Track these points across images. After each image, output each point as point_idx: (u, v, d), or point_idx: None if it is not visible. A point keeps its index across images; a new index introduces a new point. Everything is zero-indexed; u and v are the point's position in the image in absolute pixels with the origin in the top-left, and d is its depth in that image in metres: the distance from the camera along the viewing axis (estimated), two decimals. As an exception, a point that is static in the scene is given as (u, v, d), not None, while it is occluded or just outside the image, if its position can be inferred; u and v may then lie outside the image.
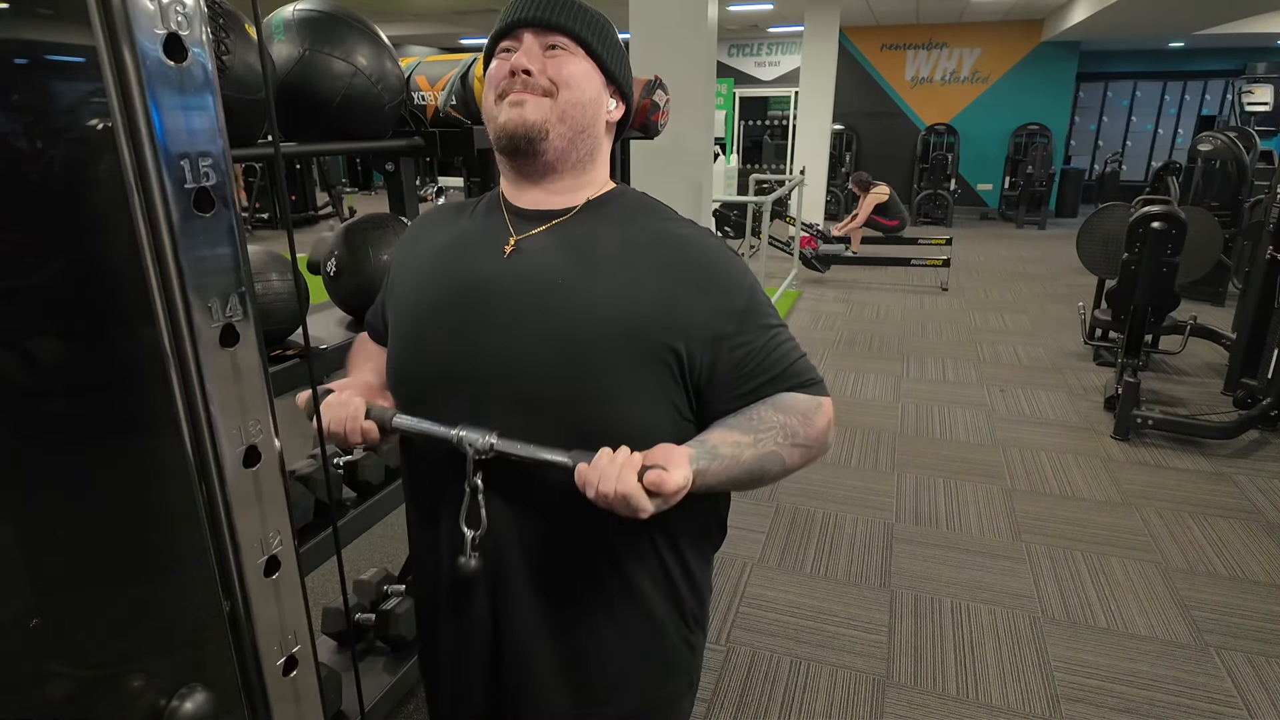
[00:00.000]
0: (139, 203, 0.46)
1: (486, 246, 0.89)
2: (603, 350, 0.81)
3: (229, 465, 0.53)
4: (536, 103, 0.84)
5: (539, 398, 0.83)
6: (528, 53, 0.84)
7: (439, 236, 0.96)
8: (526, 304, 0.83)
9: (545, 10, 0.85)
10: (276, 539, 0.58)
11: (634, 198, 0.94)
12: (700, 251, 0.87)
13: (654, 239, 0.87)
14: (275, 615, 0.58)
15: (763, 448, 0.84)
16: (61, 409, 0.45)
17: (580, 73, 0.86)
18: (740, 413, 0.86)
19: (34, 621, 0.44)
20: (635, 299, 0.82)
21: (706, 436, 0.84)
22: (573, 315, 0.82)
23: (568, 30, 0.85)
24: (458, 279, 0.88)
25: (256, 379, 0.54)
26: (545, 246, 0.87)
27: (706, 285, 0.85)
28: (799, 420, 0.87)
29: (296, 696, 0.61)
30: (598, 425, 0.82)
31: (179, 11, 0.46)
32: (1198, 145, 6.24)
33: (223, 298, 0.51)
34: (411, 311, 0.92)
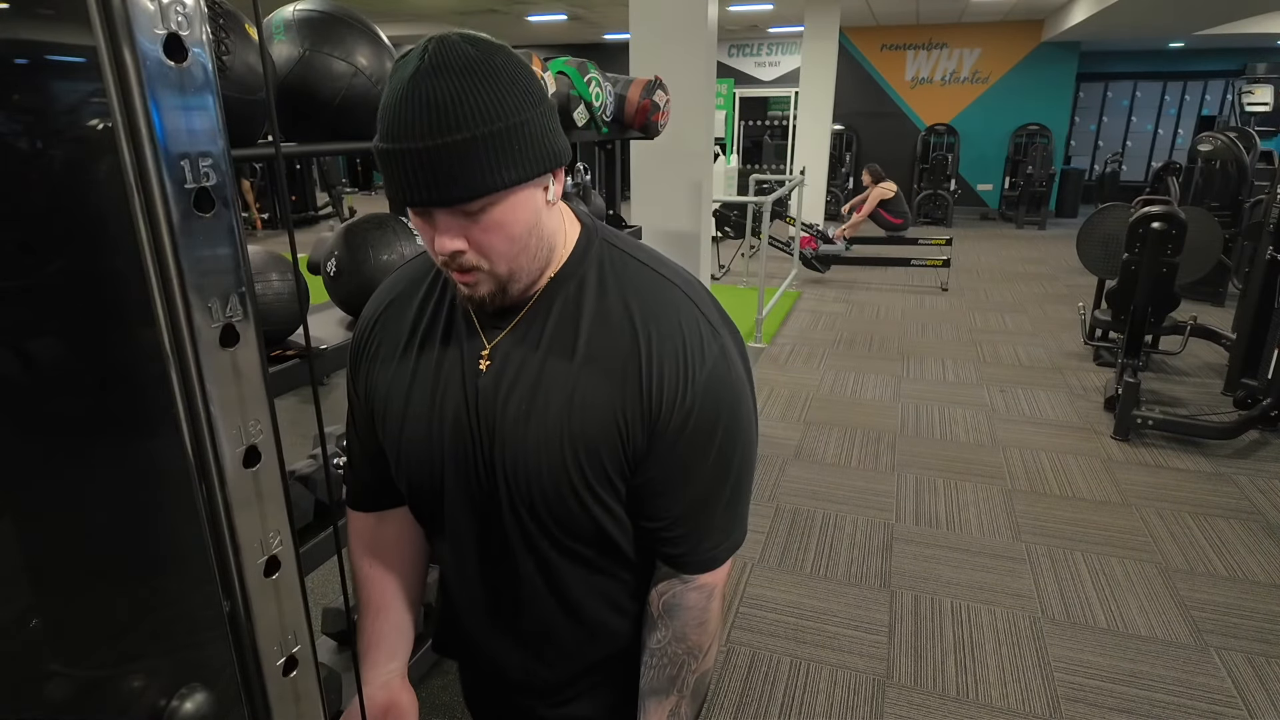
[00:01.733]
0: (139, 203, 0.46)
1: (460, 353, 0.85)
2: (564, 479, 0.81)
3: (229, 465, 0.53)
4: (480, 279, 0.77)
5: (519, 510, 0.84)
6: (445, 231, 0.73)
7: (404, 332, 0.90)
8: (500, 430, 0.82)
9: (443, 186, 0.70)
10: (276, 539, 0.58)
11: (596, 264, 0.84)
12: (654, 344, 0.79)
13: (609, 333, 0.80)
14: (275, 615, 0.58)
15: (689, 685, 0.91)
16: (61, 409, 0.45)
17: (506, 223, 0.74)
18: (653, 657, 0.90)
19: (34, 621, 0.44)
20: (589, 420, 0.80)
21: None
22: (537, 447, 0.80)
23: (477, 193, 0.71)
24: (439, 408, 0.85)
25: (256, 379, 0.54)
26: (514, 360, 0.82)
27: (645, 399, 0.79)
28: (696, 633, 0.90)
29: (296, 696, 0.61)
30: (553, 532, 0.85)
31: (179, 11, 0.46)
32: (1198, 145, 6.24)
33: (223, 298, 0.51)
34: (400, 440, 0.89)
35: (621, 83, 2.56)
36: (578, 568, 0.88)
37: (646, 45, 3.59)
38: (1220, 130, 6.51)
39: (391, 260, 1.59)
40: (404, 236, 1.63)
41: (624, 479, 0.83)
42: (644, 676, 0.92)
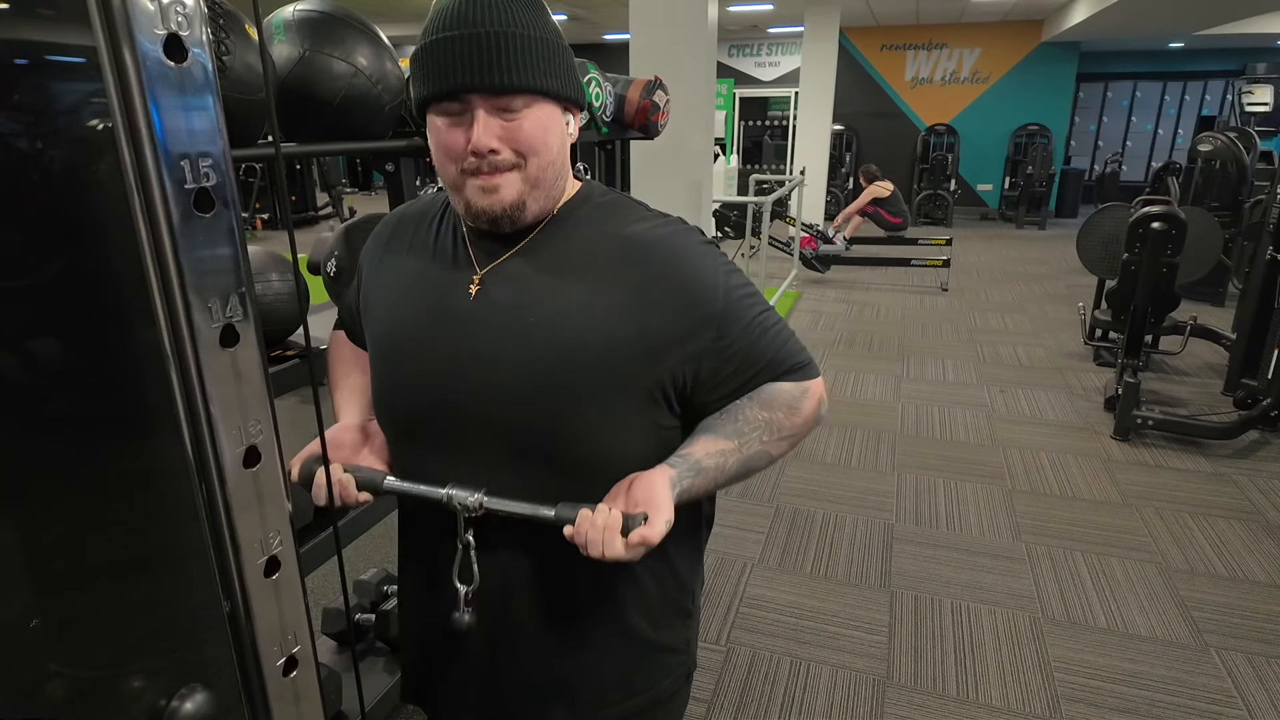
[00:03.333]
0: (139, 203, 0.46)
1: (451, 287, 0.85)
2: (579, 386, 0.80)
3: (229, 465, 0.53)
4: (507, 181, 0.78)
5: (519, 434, 0.82)
6: (485, 127, 0.75)
7: (400, 270, 0.92)
8: (500, 346, 0.81)
9: (497, 72, 0.74)
10: (276, 539, 0.58)
11: (598, 203, 0.88)
12: (668, 261, 0.83)
13: (621, 254, 0.82)
14: (275, 615, 0.58)
15: (748, 449, 0.86)
16: (62, 409, 0.45)
17: (544, 125, 0.79)
18: (725, 412, 0.87)
19: (34, 622, 0.44)
20: (607, 330, 0.80)
21: (690, 449, 0.84)
22: (547, 353, 0.80)
23: (526, 88, 0.76)
24: (429, 322, 0.86)
25: (257, 379, 0.54)
26: (511, 280, 0.83)
27: (679, 298, 0.81)
28: (784, 413, 0.87)
29: (296, 697, 0.62)
30: (578, 456, 0.83)
31: (179, 12, 0.46)
32: (1198, 146, 6.24)
33: (223, 298, 0.51)
34: (387, 345, 0.90)
35: (621, 83, 2.56)
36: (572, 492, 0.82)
37: (646, 45, 3.59)
38: (1220, 130, 6.51)
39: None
40: (404, 236, 1.63)
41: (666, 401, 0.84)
42: (706, 422, 0.87)
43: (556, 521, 0.78)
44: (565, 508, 0.79)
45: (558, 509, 0.79)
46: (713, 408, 0.87)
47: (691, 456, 0.83)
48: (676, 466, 0.82)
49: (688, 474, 0.82)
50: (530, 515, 0.80)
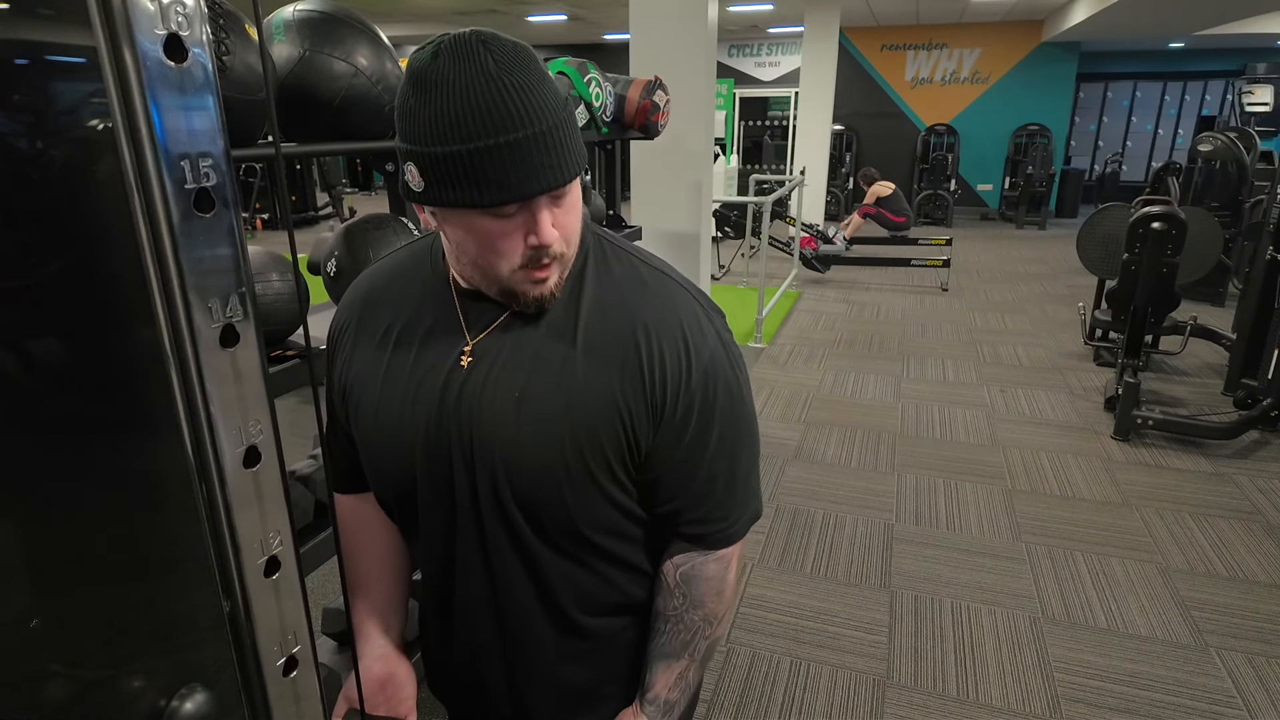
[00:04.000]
0: (139, 203, 0.46)
1: (442, 355, 0.83)
2: (552, 471, 0.80)
3: (229, 465, 0.53)
4: (557, 268, 0.78)
5: (507, 506, 0.82)
6: (548, 224, 0.73)
7: (385, 335, 0.87)
8: (488, 425, 0.80)
9: (559, 170, 0.72)
10: (276, 539, 0.58)
11: (591, 258, 0.84)
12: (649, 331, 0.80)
13: (616, 332, 0.80)
14: (275, 615, 0.58)
15: (699, 652, 0.92)
16: (61, 409, 0.45)
17: (577, 207, 0.78)
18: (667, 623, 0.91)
19: (34, 622, 0.44)
20: (583, 407, 0.78)
21: (655, 689, 0.92)
22: (533, 433, 0.79)
23: (574, 177, 0.74)
24: (419, 396, 0.83)
25: (257, 379, 0.54)
26: (502, 350, 0.81)
27: (647, 376, 0.79)
28: (714, 601, 0.91)
29: (297, 697, 0.61)
30: (559, 525, 0.83)
31: (179, 12, 0.46)
32: (1198, 146, 6.24)
33: (223, 298, 0.51)
34: (370, 434, 0.87)
35: (621, 83, 2.56)
36: (562, 562, 0.85)
37: (646, 45, 3.59)
38: (1220, 130, 6.52)
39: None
40: (403, 236, 1.63)
41: (626, 466, 0.82)
42: (654, 640, 0.92)
43: None
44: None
45: None
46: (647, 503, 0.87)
47: (659, 699, 0.92)
48: (653, 718, 0.91)
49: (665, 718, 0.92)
50: None
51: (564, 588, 0.87)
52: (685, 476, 0.84)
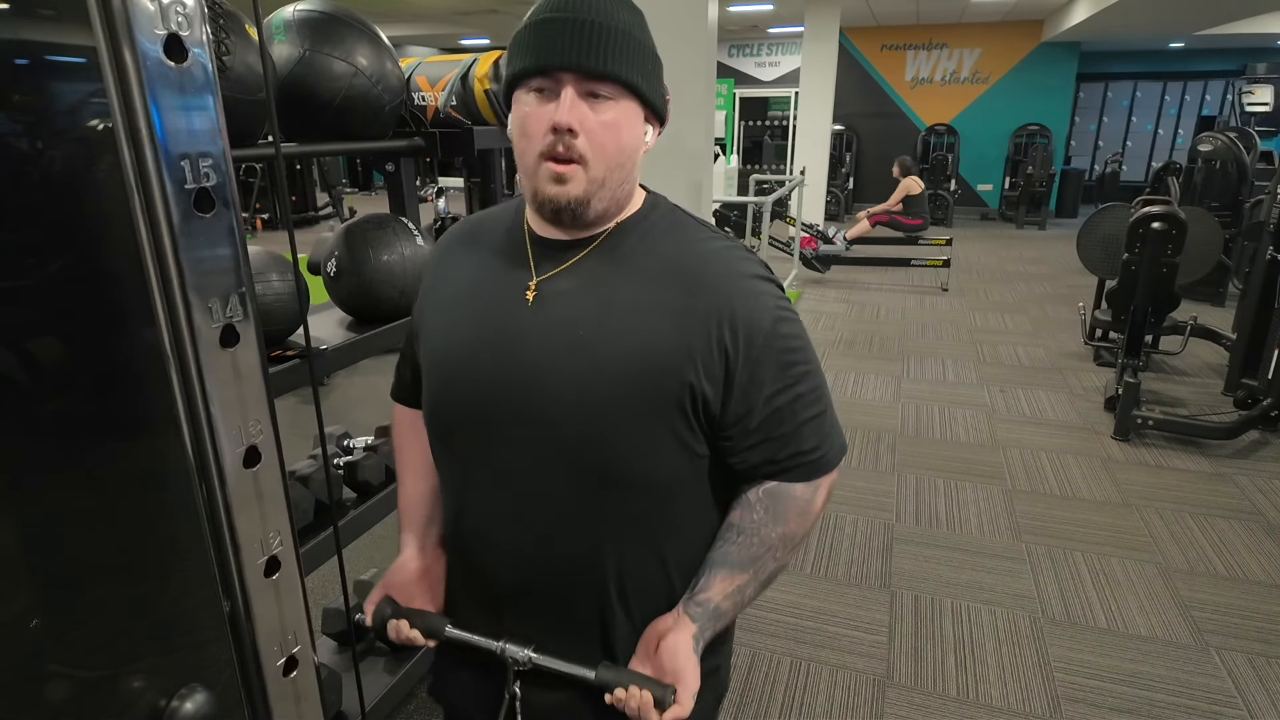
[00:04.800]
0: (139, 203, 0.46)
1: (509, 291, 0.87)
2: (620, 404, 0.81)
3: (229, 465, 0.53)
4: (576, 175, 0.79)
5: (558, 445, 0.83)
6: (571, 106, 0.77)
7: (462, 270, 0.93)
8: (549, 358, 0.82)
9: (590, 53, 0.76)
10: (276, 539, 0.58)
11: (661, 219, 0.89)
12: (722, 294, 0.82)
13: (677, 279, 0.83)
14: (275, 615, 0.58)
15: (764, 573, 0.89)
16: (62, 409, 0.45)
17: (624, 121, 0.80)
18: (742, 535, 0.88)
19: (34, 621, 0.44)
20: (652, 350, 0.81)
21: (708, 591, 0.87)
22: (592, 369, 0.81)
23: (616, 77, 0.77)
24: (483, 329, 0.87)
25: (256, 379, 0.54)
26: (567, 291, 0.84)
27: (725, 335, 0.81)
28: (797, 522, 0.89)
29: (296, 696, 0.62)
30: (612, 471, 0.84)
31: (179, 12, 0.46)
32: (1198, 146, 6.24)
33: (223, 298, 0.51)
34: (440, 358, 0.91)
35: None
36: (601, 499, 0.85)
37: (646, 45, 3.58)
38: (1220, 130, 6.51)
39: (392, 260, 1.59)
40: (404, 236, 1.64)
41: (687, 414, 0.83)
42: (720, 547, 0.89)
43: (597, 684, 0.85)
44: (605, 669, 0.85)
45: (598, 671, 0.85)
46: (732, 454, 0.87)
47: (710, 602, 0.87)
48: (697, 619, 0.86)
49: (708, 624, 0.86)
50: (574, 675, 0.86)
51: (615, 547, 0.87)
52: (773, 418, 0.85)
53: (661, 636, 0.85)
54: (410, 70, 1.88)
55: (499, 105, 1.84)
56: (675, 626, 0.86)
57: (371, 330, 1.59)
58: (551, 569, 0.89)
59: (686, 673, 0.82)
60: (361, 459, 1.69)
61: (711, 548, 0.90)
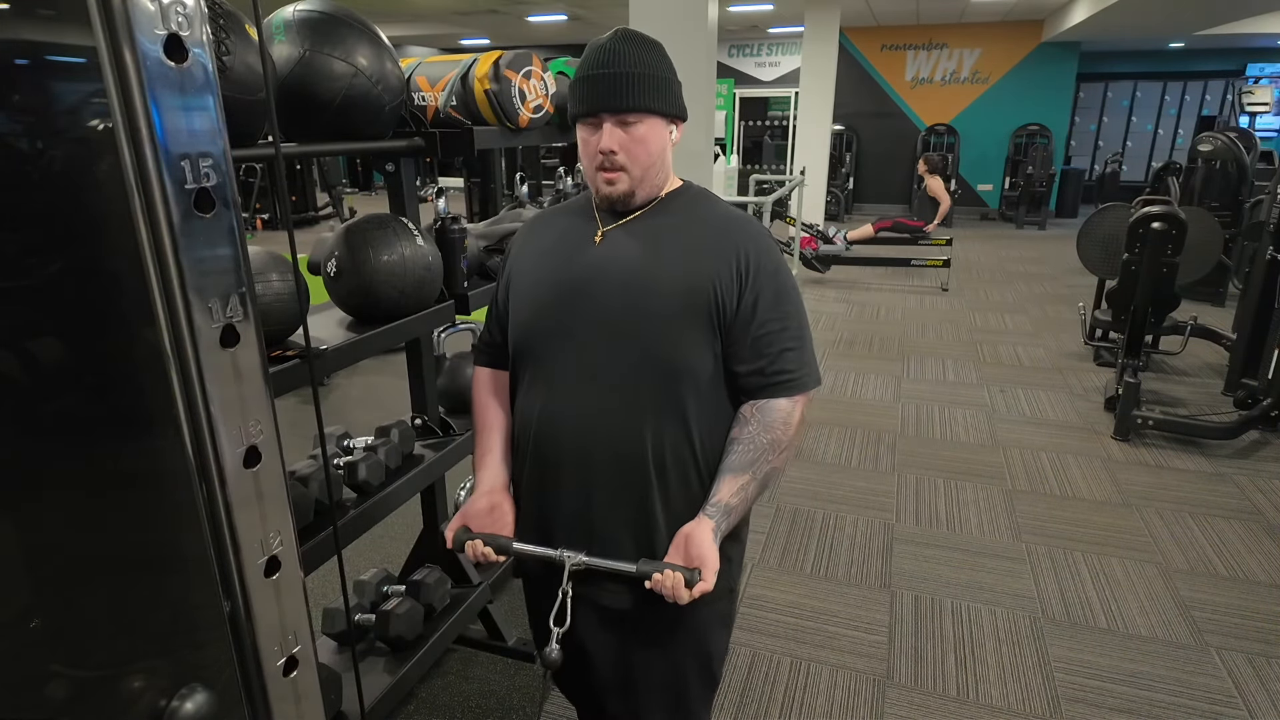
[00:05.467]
0: (139, 203, 0.46)
1: (583, 238, 1.20)
2: (665, 312, 1.12)
3: (229, 466, 0.53)
4: (622, 178, 1.14)
5: (620, 342, 1.13)
6: (609, 135, 1.11)
7: (546, 237, 1.26)
8: (611, 280, 1.14)
9: (619, 99, 1.11)
10: (277, 539, 0.58)
11: (694, 194, 1.24)
12: (739, 238, 1.16)
13: (702, 224, 1.18)
14: (275, 615, 0.58)
15: (761, 472, 1.14)
16: (62, 409, 0.45)
17: (650, 134, 1.13)
18: (739, 445, 1.15)
19: (34, 622, 0.44)
20: (688, 276, 1.12)
21: (719, 495, 1.13)
22: (646, 287, 1.12)
23: (637, 109, 1.11)
24: (563, 264, 1.19)
25: (257, 379, 0.54)
26: (624, 237, 1.17)
27: (739, 264, 1.13)
28: (782, 430, 1.16)
29: (297, 697, 0.62)
30: (657, 356, 1.12)
31: (179, 12, 0.46)
32: (1198, 146, 6.24)
33: (223, 298, 0.51)
34: (531, 292, 1.21)
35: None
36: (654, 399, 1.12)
37: (646, 45, 3.59)
38: (1220, 130, 6.51)
39: (392, 260, 1.59)
40: (404, 236, 1.64)
41: (716, 327, 1.13)
42: (725, 459, 1.15)
43: (638, 575, 1.07)
44: (645, 564, 1.08)
45: (639, 565, 1.08)
46: (733, 361, 1.15)
47: (721, 502, 1.12)
48: (713, 517, 1.11)
49: (722, 519, 1.12)
50: (619, 570, 1.09)
51: (655, 419, 1.12)
52: (765, 336, 1.15)
53: (688, 535, 1.10)
54: (410, 70, 1.88)
55: (498, 106, 1.85)
56: (698, 525, 1.10)
57: (371, 330, 1.59)
58: (610, 443, 1.14)
59: (709, 558, 1.07)
60: (361, 459, 1.69)
61: (719, 463, 1.15)
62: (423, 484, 1.87)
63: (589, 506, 1.17)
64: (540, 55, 1.99)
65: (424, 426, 2.00)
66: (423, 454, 1.90)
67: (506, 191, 6.14)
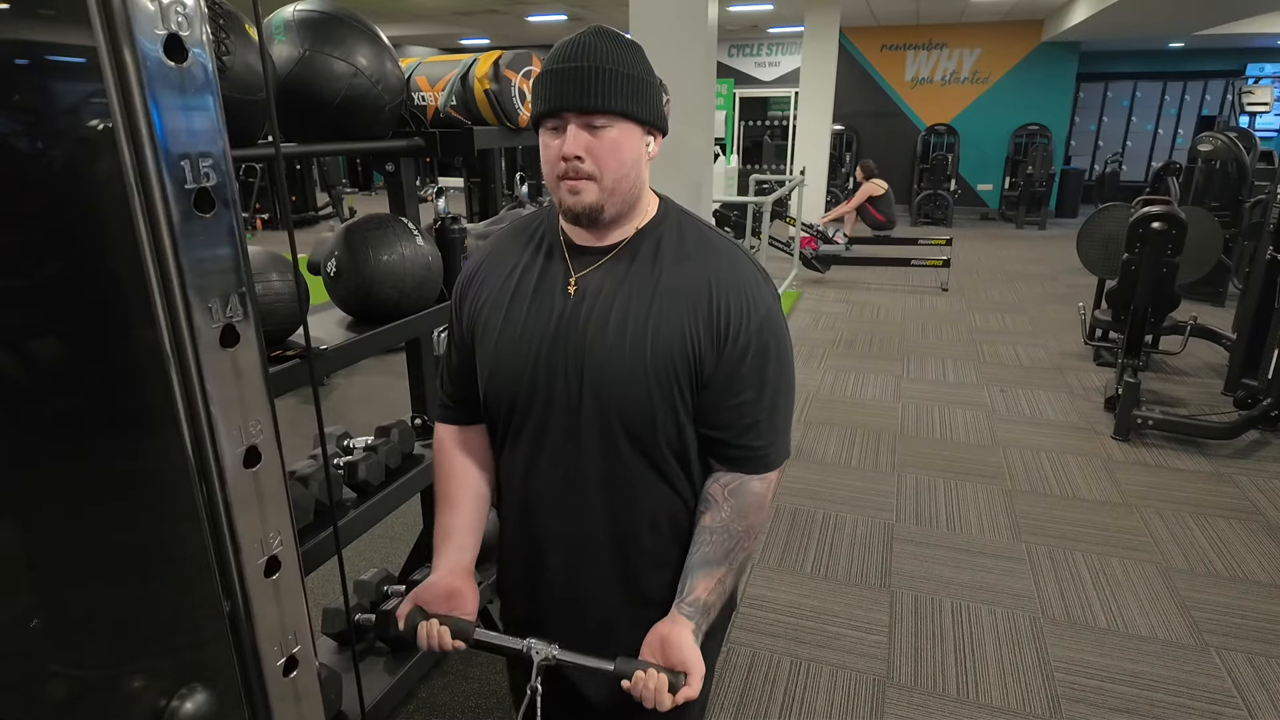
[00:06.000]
0: (139, 203, 0.46)
1: (554, 286, 1.05)
2: (643, 373, 0.99)
3: (229, 465, 0.53)
4: (589, 188, 0.97)
5: (592, 409, 1.01)
6: (574, 138, 0.95)
7: (510, 279, 1.09)
8: (588, 342, 1.00)
9: (587, 97, 0.94)
10: (277, 539, 0.58)
11: (673, 223, 1.07)
12: (724, 283, 1.01)
13: (681, 276, 1.01)
14: (275, 615, 0.58)
15: (737, 561, 1.04)
16: (62, 409, 0.45)
17: (621, 141, 0.97)
18: (714, 534, 1.04)
19: (34, 622, 0.44)
20: (667, 332, 0.99)
21: (695, 593, 1.02)
22: (622, 346, 0.99)
23: (607, 109, 0.95)
24: (537, 319, 1.04)
25: (257, 379, 0.54)
26: (600, 288, 1.02)
27: (718, 316, 1.00)
28: (755, 514, 1.05)
29: (297, 697, 0.62)
30: (643, 423, 1.01)
31: (179, 12, 0.46)
32: (1198, 145, 6.24)
33: (223, 298, 0.51)
34: (506, 348, 1.06)
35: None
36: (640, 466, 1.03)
37: (646, 45, 3.57)
38: (1220, 130, 6.51)
39: (392, 260, 1.59)
40: (404, 236, 1.64)
41: (692, 390, 1.01)
42: (696, 551, 1.04)
43: (616, 674, 0.95)
44: (624, 662, 0.96)
45: (617, 663, 0.95)
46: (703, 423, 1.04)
47: (699, 601, 1.01)
48: (692, 618, 1.00)
49: (701, 619, 1.00)
50: (594, 668, 0.97)
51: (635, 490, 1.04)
52: (739, 406, 1.02)
53: (664, 637, 0.97)
54: (410, 70, 1.88)
55: (498, 105, 1.85)
56: (675, 626, 0.98)
57: (371, 330, 1.59)
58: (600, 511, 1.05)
59: (692, 662, 0.95)
60: (361, 459, 1.69)
61: (689, 555, 1.05)
62: (423, 484, 1.87)
63: (577, 574, 1.10)
64: (540, 55, 1.99)
65: (424, 426, 2.00)
66: (423, 454, 1.90)
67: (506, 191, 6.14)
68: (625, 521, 1.06)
